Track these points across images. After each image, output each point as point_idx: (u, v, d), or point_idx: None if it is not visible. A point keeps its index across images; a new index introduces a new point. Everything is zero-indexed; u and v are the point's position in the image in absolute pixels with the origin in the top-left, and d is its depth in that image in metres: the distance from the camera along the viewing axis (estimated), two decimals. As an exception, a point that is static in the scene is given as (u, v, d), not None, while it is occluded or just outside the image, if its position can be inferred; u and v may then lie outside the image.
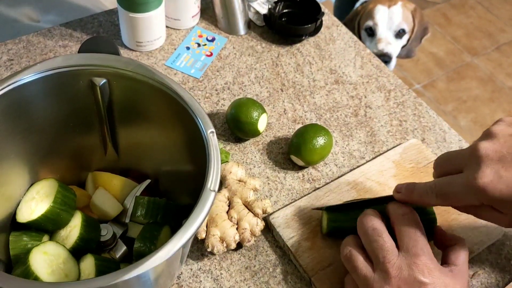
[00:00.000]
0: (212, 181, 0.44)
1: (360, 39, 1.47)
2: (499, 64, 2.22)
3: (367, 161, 0.71)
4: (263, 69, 0.81)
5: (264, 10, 0.88)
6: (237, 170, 0.64)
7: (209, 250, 0.57)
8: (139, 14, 0.74)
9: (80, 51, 0.53)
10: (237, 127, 0.69)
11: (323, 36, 0.88)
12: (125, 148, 0.60)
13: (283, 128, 0.74)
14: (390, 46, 1.42)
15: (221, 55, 0.82)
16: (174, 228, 0.55)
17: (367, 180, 0.67)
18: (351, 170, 0.70)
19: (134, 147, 0.59)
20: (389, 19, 1.41)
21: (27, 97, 0.50)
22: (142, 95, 0.52)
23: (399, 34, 1.44)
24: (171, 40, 0.83)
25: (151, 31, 0.78)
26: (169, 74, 0.78)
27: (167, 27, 0.84)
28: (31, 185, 0.55)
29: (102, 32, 0.83)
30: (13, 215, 0.53)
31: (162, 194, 0.60)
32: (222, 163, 0.64)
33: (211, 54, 0.82)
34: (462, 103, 2.05)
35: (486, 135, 0.50)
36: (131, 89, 0.52)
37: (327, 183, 0.68)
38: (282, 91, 0.79)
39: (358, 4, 1.57)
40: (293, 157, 0.68)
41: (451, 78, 2.14)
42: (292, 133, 0.72)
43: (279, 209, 0.64)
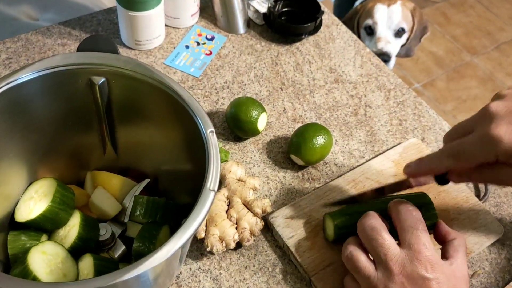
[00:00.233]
0: (212, 181, 0.44)
1: (359, 38, 1.47)
2: (499, 63, 2.22)
3: (367, 161, 0.71)
4: (263, 68, 0.81)
5: (263, 8, 0.88)
6: (236, 169, 0.64)
7: (208, 249, 0.57)
8: (138, 12, 0.74)
9: (79, 49, 0.53)
10: (236, 126, 0.69)
11: (322, 35, 0.88)
12: (124, 147, 0.59)
13: (282, 127, 0.74)
14: (390, 45, 1.41)
15: (220, 54, 0.82)
16: (174, 227, 0.55)
17: (367, 179, 0.67)
18: (351, 170, 0.70)
19: (133, 146, 0.59)
20: (388, 18, 1.41)
21: (25, 95, 0.50)
22: (141, 94, 0.52)
23: (399, 33, 1.44)
24: (170, 38, 0.83)
25: (150, 29, 0.77)
26: (168, 73, 0.78)
27: (166, 25, 0.84)
28: (29, 184, 0.54)
29: (101, 31, 0.82)
30: (12, 214, 0.53)
31: (161, 194, 0.60)
32: (221, 162, 0.64)
33: (211, 53, 0.82)
34: (462, 102, 2.05)
35: (495, 98, 0.50)
36: (130, 88, 0.52)
37: (327, 183, 0.68)
38: (281, 90, 0.79)
39: (357, 2, 1.57)
40: (292, 157, 0.68)
41: (451, 77, 2.14)
42: (291, 133, 0.72)
43: (278, 209, 0.63)
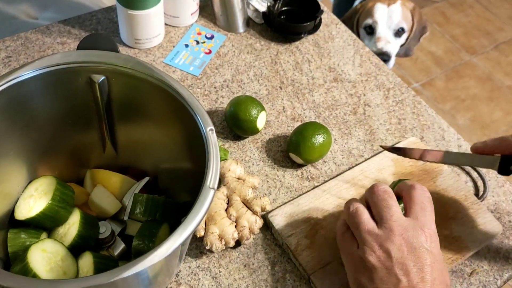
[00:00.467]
0: (211, 179, 0.44)
1: (358, 37, 1.47)
2: (498, 63, 2.22)
3: (366, 159, 0.71)
4: (262, 67, 0.81)
5: (263, 8, 0.88)
6: (236, 168, 0.64)
7: (207, 248, 0.57)
8: (138, 11, 0.74)
9: (79, 48, 0.53)
10: (236, 125, 0.69)
11: (322, 34, 0.88)
12: (123, 146, 0.59)
13: (282, 126, 0.74)
14: (390, 45, 1.41)
15: (220, 52, 0.82)
16: (173, 225, 0.55)
17: (366, 178, 0.67)
18: (350, 168, 0.70)
19: (133, 144, 0.59)
20: (388, 17, 1.41)
21: (25, 94, 0.50)
22: (141, 92, 0.52)
23: (398, 33, 1.44)
24: (169, 37, 0.83)
25: (150, 28, 0.78)
26: (168, 72, 0.78)
27: (165, 24, 0.84)
28: (29, 182, 0.55)
29: (100, 30, 0.82)
30: (11, 212, 0.53)
31: (161, 192, 0.60)
32: (221, 161, 0.64)
33: (210, 52, 0.82)
34: (461, 101, 2.05)
35: None
36: (130, 86, 0.52)
37: (326, 181, 0.68)
38: (281, 89, 0.79)
39: (357, 2, 1.57)
40: (292, 155, 0.68)
41: (450, 76, 2.14)
42: (291, 131, 0.72)
43: (278, 207, 0.63)
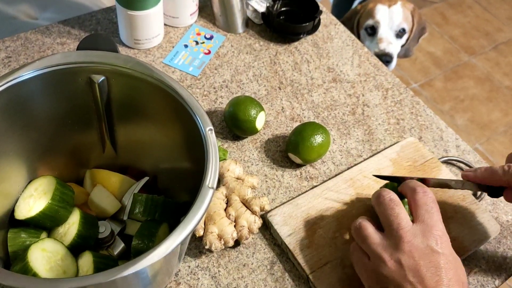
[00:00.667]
0: (211, 179, 0.44)
1: (359, 38, 1.47)
2: (497, 64, 2.23)
3: (365, 159, 0.71)
4: (261, 67, 0.81)
5: (262, 8, 0.88)
6: (235, 168, 0.64)
7: (207, 247, 0.57)
8: (138, 11, 0.74)
9: (78, 48, 0.54)
10: (235, 125, 0.69)
11: (321, 35, 0.88)
12: (123, 146, 0.60)
13: (281, 126, 0.74)
14: (391, 46, 1.41)
15: (219, 53, 0.82)
16: (172, 225, 0.55)
17: (364, 178, 0.67)
18: (348, 168, 0.70)
19: (132, 144, 0.59)
20: (389, 18, 1.41)
21: (25, 94, 0.50)
22: (141, 92, 0.53)
23: (400, 34, 1.44)
24: (169, 38, 0.83)
25: (149, 28, 0.78)
26: (167, 72, 0.78)
27: (165, 25, 0.84)
28: (29, 182, 0.55)
29: (100, 30, 0.83)
30: (11, 212, 0.53)
31: (161, 192, 0.60)
32: (220, 160, 0.64)
33: (209, 52, 0.82)
34: (459, 102, 2.06)
35: None
36: (129, 86, 0.52)
37: (324, 181, 0.68)
38: (280, 89, 0.79)
39: (356, 2, 1.57)
40: (291, 155, 0.69)
41: (449, 77, 2.14)
42: (290, 131, 0.73)
43: (276, 207, 0.64)
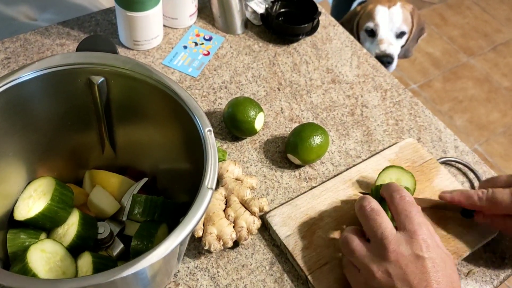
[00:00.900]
0: (210, 179, 0.45)
1: (358, 39, 1.47)
2: (495, 64, 2.23)
3: (363, 160, 0.72)
4: (260, 68, 0.82)
5: (261, 9, 0.89)
6: (234, 169, 0.64)
7: (206, 248, 0.57)
8: (137, 13, 0.75)
9: (78, 49, 0.54)
10: (234, 125, 0.69)
11: (319, 36, 0.89)
12: (122, 146, 0.60)
13: (280, 127, 0.74)
14: (392, 47, 1.41)
15: (218, 54, 0.83)
16: (172, 226, 0.55)
17: (363, 178, 0.68)
18: (347, 169, 0.70)
19: (131, 145, 0.59)
20: (389, 19, 1.41)
21: (25, 95, 0.50)
22: (140, 93, 0.53)
23: (400, 35, 1.44)
24: (168, 39, 0.83)
25: (149, 30, 0.78)
26: (166, 73, 0.78)
27: (164, 26, 0.84)
28: (28, 183, 0.55)
29: (99, 31, 0.83)
30: (11, 212, 0.53)
31: (160, 192, 0.60)
32: (219, 161, 0.65)
33: (208, 53, 0.82)
34: (458, 103, 2.06)
35: None
36: (129, 87, 0.53)
37: (323, 182, 0.68)
38: (279, 90, 0.79)
39: (355, 4, 1.57)
40: (289, 156, 0.69)
41: (447, 78, 2.15)
42: (289, 132, 0.73)
43: (275, 208, 0.64)
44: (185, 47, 0.82)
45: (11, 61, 0.76)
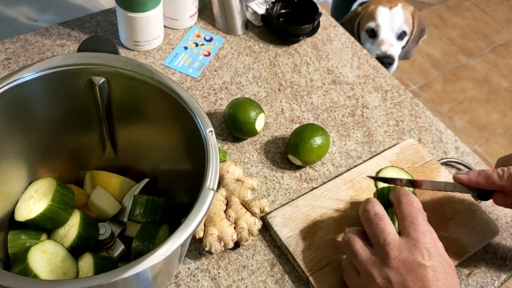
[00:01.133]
0: (211, 180, 0.44)
1: (359, 40, 1.47)
2: (495, 65, 2.23)
3: (364, 161, 0.72)
4: (261, 69, 0.82)
5: (262, 10, 0.89)
6: (234, 170, 0.64)
7: (207, 249, 0.57)
8: (137, 13, 0.74)
9: (79, 50, 0.54)
10: (234, 126, 0.69)
11: (320, 37, 0.89)
12: (123, 147, 0.60)
13: (280, 128, 0.74)
14: (393, 48, 1.41)
15: (218, 55, 0.83)
16: (173, 227, 0.55)
17: (364, 179, 0.68)
18: (348, 170, 0.70)
19: (132, 146, 0.59)
20: (391, 21, 1.41)
21: (26, 95, 0.50)
22: (141, 94, 0.53)
23: (401, 36, 1.44)
24: (169, 39, 0.83)
25: (149, 30, 0.78)
26: (167, 74, 0.78)
27: (165, 26, 0.84)
28: (29, 184, 0.55)
29: (100, 32, 0.83)
30: (12, 213, 0.53)
31: (161, 193, 0.60)
32: (219, 162, 0.64)
33: (209, 54, 0.82)
34: (458, 104, 2.06)
35: None
36: (130, 88, 0.52)
37: (324, 183, 0.68)
38: (279, 91, 0.79)
39: (355, 4, 1.57)
40: (290, 157, 0.69)
41: (447, 79, 2.15)
42: (289, 133, 0.73)
43: (276, 209, 0.64)
44: (185, 48, 0.82)
45: (11, 61, 0.76)
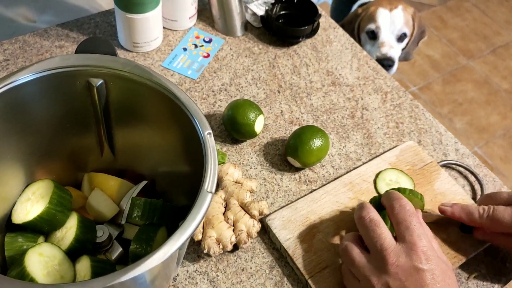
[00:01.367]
0: (209, 183, 0.44)
1: (359, 41, 1.46)
2: (495, 67, 2.23)
3: (364, 163, 0.71)
4: (260, 71, 0.81)
5: (261, 11, 0.88)
6: (233, 172, 0.64)
7: (205, 251, 0.57)
8: (136, 15, 0.74)
9: (77, 51, 0.53)
10: (234, 128, 0.69)
11: (320, 38, 0.88)
12: (121, 149, 0.59)
13: (280, 130, 0.74)
14: (393, 50, 1.41)
15: (218, 56, 0.82)
16: (171, 229, 0.55)
17: (363, 182, 0.67)
18: (347, 172, 0.70)
19: (130, 148, 0.59)
20: (391, 22, 1.41)
21: (23, 97, 0.50)
22: (139, 96, 0.52)
23: (401, 38, 1.43)
24: (168, 41, 0.83)
25: (148, 32, 0.78)
26: (166, 75, 0.78)
27: (164, 28, 0.84)
28: (26, 186, 0.54)
29: (98, 33, 0.82)
30: (8, 216, 0.53)
31: (159, 195, 0.60)
32: (218, 164, 0.64)
33: (208, 55, 0.82)
34: (458, 105, 2.06)
35: None
36: (128, 90, 0.52)
37: (323, 185, 0.68)
38: (279, 92, 0.79)
39: (355, 6, 1.57)
40: (289, 159, 0.68)
41: (447, 80, 2.15)
42: (288, 135, 0.72)
43: (275, 211, 0.63)
44: (184, 49, 0.82)
45: (9, 63, 0.76)
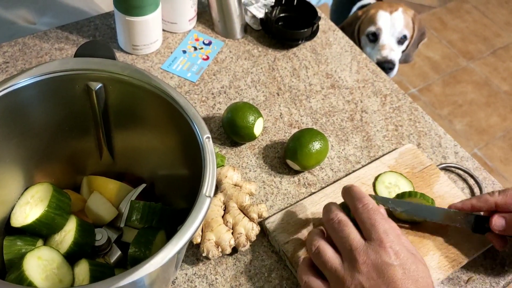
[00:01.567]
0: (208, 187, 0.44)
1: (359, 44, 1.46)
2: (495, 69, 2.23)
3: (363, 166, 0.71)
4: (260, 73, 0.81)
5: (260, 14, 0.88)
6: (232, 174, 0.64)
7: (204, 255, 0.57)
8: (136, 17, 0.74)
9: (76, 55, 0.53)
10: (233, 131, 0.69)
11: (319, 41, 0.88)
12: (120, 152, 0.59)
13: (279, 133, 0.74)
14: (394, 53, 1.41)
15: (217, 59, 0.82)
16: (170, 232, 0.55)
17: (362, 185, 0.67)
18: (347, 175, 0.70)
19: (129, 151, 0.59)
20: (391, 25, 1.41)
21: (22, 101, 0.50)
22: (138, 99, 0.52)
23: (401, 40, 1.43)
24: (167, 43, 0.83)
25: (148, 34, 0.78)
26: (165, 78, 0.78)
27: (163, 30, 0.84)
28: (25, 189, 0.54)
29: (98, 35, 0.82)
30: (7, 219, 0.53)
31: (158, 199, 0.60)
32: (217, 167, 0.64)
33: (208, 58, 0.82)
34: (458, 107, 2.06)
35: None
36: (127, 93, 0.52)
37: (323, 188, 0.68)
38: (278, 95, 0.79)
39: (355, 8, 1.57)
40: (289, 162, 0.68)
41: (447, 82, 2.15)
42: (288, 138, 0.72)
43: (274, 214, 0.63)
44: (184, 51, 0.82)
45: (9, 65, 0.76)
